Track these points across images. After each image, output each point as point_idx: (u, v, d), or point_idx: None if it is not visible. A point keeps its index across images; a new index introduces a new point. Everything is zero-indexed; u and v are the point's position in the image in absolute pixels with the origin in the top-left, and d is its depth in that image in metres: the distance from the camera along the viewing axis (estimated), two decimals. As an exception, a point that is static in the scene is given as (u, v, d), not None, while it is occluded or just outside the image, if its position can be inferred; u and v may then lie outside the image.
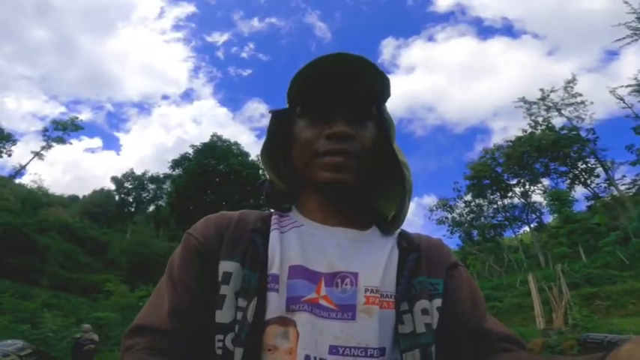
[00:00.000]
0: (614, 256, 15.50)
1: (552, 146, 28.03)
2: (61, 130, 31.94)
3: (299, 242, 0.61)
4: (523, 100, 29.67)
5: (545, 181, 31.37)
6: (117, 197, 36.27)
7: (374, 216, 0.70)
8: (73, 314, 13.68)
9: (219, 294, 0.56)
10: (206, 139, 31.68)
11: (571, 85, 27.85)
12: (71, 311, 14.53)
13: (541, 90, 28.98)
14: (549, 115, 29.21)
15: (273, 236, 0.61)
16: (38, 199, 29.51)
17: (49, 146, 32.37)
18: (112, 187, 38.19)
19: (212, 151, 29.67)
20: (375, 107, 0.65)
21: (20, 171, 33.17)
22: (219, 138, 31.25)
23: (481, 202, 34.24)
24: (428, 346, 0.56)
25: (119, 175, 38.35)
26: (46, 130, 32.37)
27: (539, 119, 29.61)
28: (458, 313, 0.61)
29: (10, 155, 29.95)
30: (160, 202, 36.48)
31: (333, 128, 0.60)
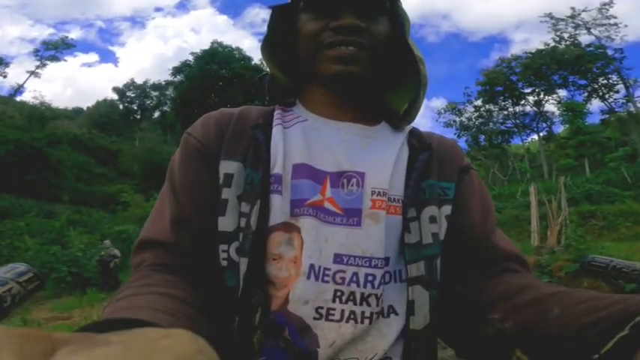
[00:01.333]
0: (618, 173, 15.45)
1: (575, 61, 26.89)
2: (52, 50, 32.30)
3: (303, 138, 0.57)
4: (550, 15, 28.05)
5: (562, 92, 30.40)
6: (121, 106, 36.11)
7: (384, 111, 0.65)
8: (97, 230, 14.42)
9: (221, 198, 0.53)
10: (206, 46, 31.24)
11: (607, 7, 25.98)
12: (94, 227, 15.26)
13: (572, 8, 27.09)
14: (577, 32, 27.78)
15: (276, 132, 0.57)
16: (43, 114, 29.57)
17: (44, 65, 33.18)
18: (115, 97, 37.96)
19: (213, 57, 29.33)
20: (388, 2, 0.59)
21: (19, 89, 33.32)
22: (220, 44, 30.84)
23: (491, 107, 33.55)
24: (433, 259, 0.53)
25: (120, 86, 37.59)
26: (37, 50, 33.46)
27: (565, 35, 28.26)
28: (467, 223, 0.58)
29: (5, 77, 30.36)
30: (164, 108, 36.58)
31: (339, 20, 0.55)
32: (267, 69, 0.65)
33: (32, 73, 32.80)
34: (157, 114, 38.41)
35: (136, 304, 0.40)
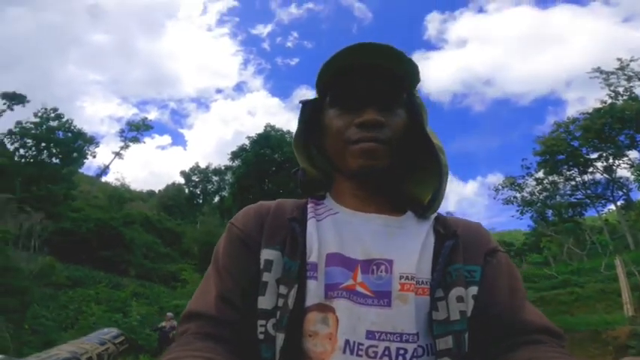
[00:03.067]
0: None
1: (637, 116, 24.60)
2: (134, 131, 36.14)
3: (335, 230, 0.63)
4: (599, 70, 26.58)
5: (632, 154, 27.36)
6: (186, 190, 39.32)
7: (409, 201, 0.70)
8: (156, 302, 15.31)
9: (262, 281, 0.59)
10: (260, 129, 33.08)
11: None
12: (154, 300, 16.27)
13: (619, 59, 25.70)
14: (631, 84, 25.87)
15: (311, 225, 0.63)
16: (122, 195, 33.16)
17: (127, 146, 36.65)
18: (182, 180, 41.48)
19: (267, 140, 30.88)
20: (405, 94, 0.65)
21: (105, 170, 37.65)
22: (273, 128, 32.45)
23: (556, 179, 31.04)
24: (461, 333, 0.56)
25: (187, 169, 41.37)
26: (122, 131, 36.88)
27: (620, 89, 26.36)
28: (494, 302, 0.61)
29: (94, 157, 34.24)
30: (223, 193, 38.69)
31: (363, 117, 0.61)
32: (296, 155, 0.73)
33: (117, 155, 36.49)
34: (216, 198, 40.53)
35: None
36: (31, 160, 26.72)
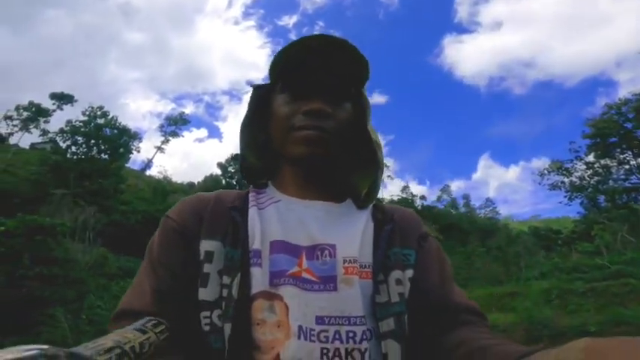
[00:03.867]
0: None
1: None
2: (173, 125, 38.25)
3: (278, 217, 0.63)
4: None
5: None
6: (223, 181, 40.47)
7: (348, 190, 0.72)
8: None
9: (203, 272, 0.58)
10: None
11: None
12: None
13: None
14: None
15: (252, 213, 0.63)
16: (165, 188, 34.85)
17: (167, 140, 38.90)
18: (219, 172, 42.46)
19: None
20: (353, 89, 0.66)
21: (148, 164, 40.01)
22: None
23: (608, 162, 28.93)
24: (401, 315, 0.58)
25: (223, 161, 42.43)
26: (162, 126, 39.10)
27: None
28: (426, 284, 0.63)
29: (138, 152, 36.29)
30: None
31: (310, 105, 0.62)
32: (239, 140, 0.72)
33: (158, 149, 39.23)
34: (252, 187, 41.24)
35: None
36: (83, 157, 28.68)
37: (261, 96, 0.70)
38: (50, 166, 26.94)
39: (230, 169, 40.88)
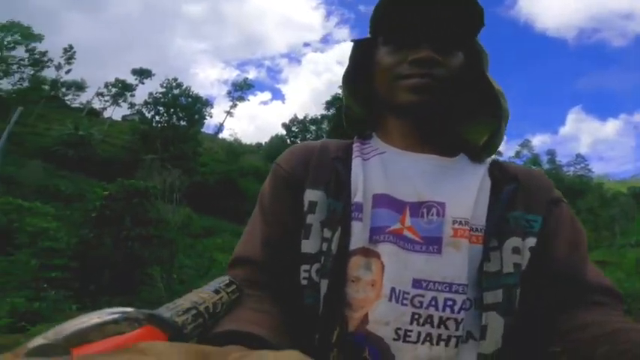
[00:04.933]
0: None
1: None
2: (239, 91, 40.72)
3: (382, 170, 0.60)
4: None
5: None
6: (288, 141, 41.76)
7: (461, 144, 0.66)
8: None
9: (306, 223, 0.57)
10: None
11: None
12: None
13: None
14: None
15: (356, 164, 0.60)
16: (236, 150, 37.34)
17: (235, 105, 41.60)
18: (283, 132, 44.01)
19: None
20: (465, 38, 0.61)
21: (220, 128, 43.20)
22: None
23: None
24: (513, 288, 0.52)
25: (287, 122, 43.73)
26: (229, 92, 41.94)
27: None
28: (553, 256, 0.57)
29: (211, 117, 39.94)
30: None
31: (417, 54, 0.57)
32: (343, 92, 0.70)
33: (228, 113, 42.35)
34: (316, 146, 42.12)
35: (236, 318, 0.46)
36: (165, 125, 31.60)
37: (363, 50, 0.65)
38: (140, 135, 30.33)
39: (294, 128, 41.96)
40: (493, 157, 0.66)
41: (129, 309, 0.29)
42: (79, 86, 40.50)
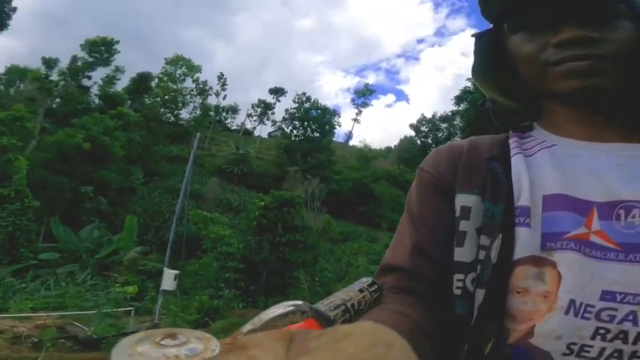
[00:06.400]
0: None
1: None
2: (362, 97, 42.42)
3: (554, 165, 0.52)
4: None
5: None
6: (418, 141, 40.53)
7: None
8: None
9: (459, 230, 0.53)
10: None
11: None
12: None
13: None
14: None
15: (516, 161, 0.53)
16: (366, 155, 38.45)
17: (360, 111, 43.34)
18: (412, 133, 42.92)
19: None
20: (621, 4, 0.51)
21: (350, 136, 45.31)
22: None
23: None
24: None
25: (414, 122, 42.61)
26: (353, 100, 44.24)
27: None
28: None
29: (340, 126, 42.15)
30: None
31: (561, 36, 0.49)
32: (478, 86, 0.64)
33: (355, 120, 44.22)
34: (448, 145, 39.54)
35: (374, 317, 0.45)
36: (302, 138, 35.03)
37: (488, 41, 0.60)
38: (283, 149, 34.51)
39: (423, 128, 40.55)
40: None
41: (300, 302, 0.34)
42: (234, 110, 48.58)
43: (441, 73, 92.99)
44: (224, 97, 45.07)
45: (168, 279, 8.70)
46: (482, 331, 0.48)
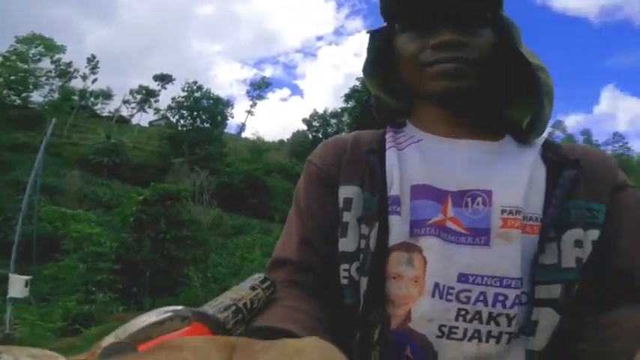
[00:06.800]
0: None
1: None
2: (257, 89, 41.31)
3: (420, 158, 0.57)
4: None
5: None
6: (310, 135, 41.88)
7: (506, 125, 0.61)
8: None
9: (342, 221, 0.55)
10: None
11: None
12: None
13: None
14: None
15: (390, 154, 0.57)
16: (259, 148, 37.96)
17: (255, 104, 42.37)
18: (304, 127, 43.84)
19: None
20: (489, 14, 0.56)
21: (242, 127, 44.08)
22: None
23: None
24: (573, 284, 0.49)
25: (307, 117, 43.54)
26: (248, 91, 42.84)
27: None
28: (616, 251, 0.52)
29: (232, 117, 40.75)
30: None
31: (438, 38, 0.54)
32: (367, 84, 0.67)
33: (249, 112, 43.22)
34: (338, 139, 42.28)
35: (273, 316, 0.45)
36: (190, 128, 32.50)
37: (380, 39, 0.62)
38: (167, 139, 31.40)
39: (315, 123, 41.98)
40: (545, 137, 0.60)
41: (179, 307, 0.32)
42: (106, 95, 42.30)
43: (336, 71, 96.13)
44: (93, 81, 39.29)
45: (17, 285, 7.52)
46: (369, 318, 0.50)
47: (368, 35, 0.64)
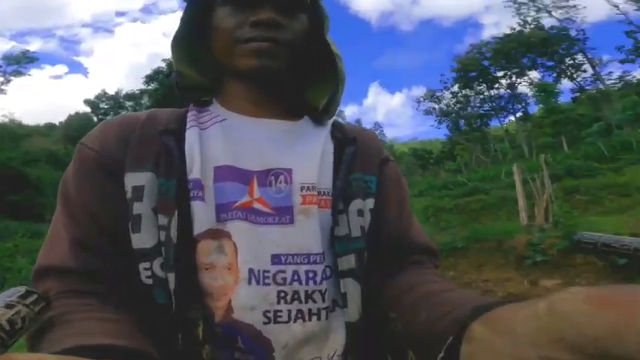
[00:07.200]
0: (595, 147, 15.85)
1: (541, 44, 29.37)
2: (15, 64, 31.03)
3: (224, 138, 0.54)
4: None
5: (533, 74, 32.34)
6: (95, 118, 35.02)
7: (305, 107, 0.64)
8: None
9: (133, 214, 0.48)
10: None
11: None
12: None
13: None
14: (539, 15, 30.17)
15: (191, 134, 0.53)
16: (14, 132, 28.56)
17: (8, 80, 31.66)
18: (88, 109, 36.77)
19: None
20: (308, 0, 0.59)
21: None
22: None
23: (468, 92, 35.06)
24: (362, 252, 0.52)
25: (92, 97, 36.66)
26: (0, 66, 31.48)
27: (529, 19, 30.65)
28: (386, 217, 0.58)
29: None
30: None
31: (259, 15, 0.53)
32: (172, 57, 0.62)
33: None
34: (133, 123, 37.50)
35: (81, 331, 0.39)
36: None
37: (198, 10, 0.59)
38: None
39: (103, 105, 35.35)
40: (335, 118, 0.65)
41: None
42: None
43: (137, 50, 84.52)
44: None
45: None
46: (187, 315, 0.46)
47: (185, 4, 0.60)
